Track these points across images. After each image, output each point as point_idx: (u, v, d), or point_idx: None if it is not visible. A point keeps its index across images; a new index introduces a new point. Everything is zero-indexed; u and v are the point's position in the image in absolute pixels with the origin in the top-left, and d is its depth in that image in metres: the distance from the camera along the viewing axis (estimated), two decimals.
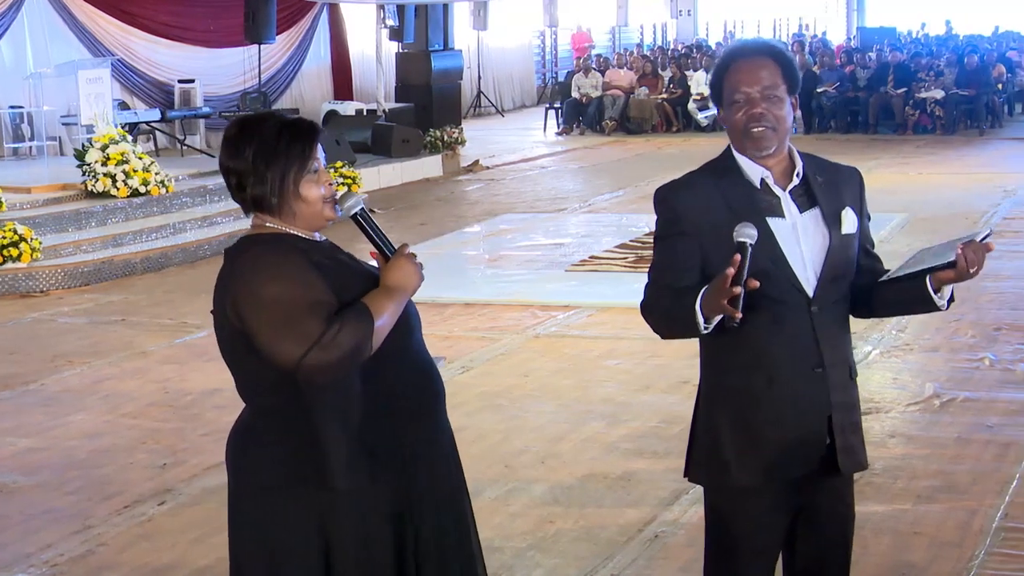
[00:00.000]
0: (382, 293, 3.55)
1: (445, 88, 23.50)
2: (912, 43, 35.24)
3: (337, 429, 3.51)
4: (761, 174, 3.76)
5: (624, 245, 13.52)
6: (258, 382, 3.57)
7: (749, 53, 3.79)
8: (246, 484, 3.63)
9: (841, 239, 3.78)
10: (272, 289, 3.43)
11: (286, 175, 3.54)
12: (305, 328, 3.39)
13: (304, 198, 3.57)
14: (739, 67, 3.76)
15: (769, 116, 3.72)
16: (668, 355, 9.05)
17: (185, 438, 7.85)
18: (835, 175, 3.90)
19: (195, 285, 12.36)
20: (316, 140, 3.61)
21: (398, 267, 3.60)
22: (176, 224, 14.27)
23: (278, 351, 3.42)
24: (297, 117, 3.69)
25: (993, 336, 9.55)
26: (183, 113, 19.99)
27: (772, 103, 3.73)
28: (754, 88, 3.72)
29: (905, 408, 7.95)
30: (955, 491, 6.58)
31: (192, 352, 9.87)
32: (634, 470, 7.02)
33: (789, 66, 3.79)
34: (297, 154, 3.55)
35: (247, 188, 3.57)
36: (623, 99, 26.91)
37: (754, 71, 3.74)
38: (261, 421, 3.61)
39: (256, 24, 20.05)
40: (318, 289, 3.45)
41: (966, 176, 18.39)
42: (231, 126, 3.65)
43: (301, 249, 3.54)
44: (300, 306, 3.41)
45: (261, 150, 3.54)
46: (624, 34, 39.03)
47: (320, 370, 3.40)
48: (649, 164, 21.19)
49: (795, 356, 3.74)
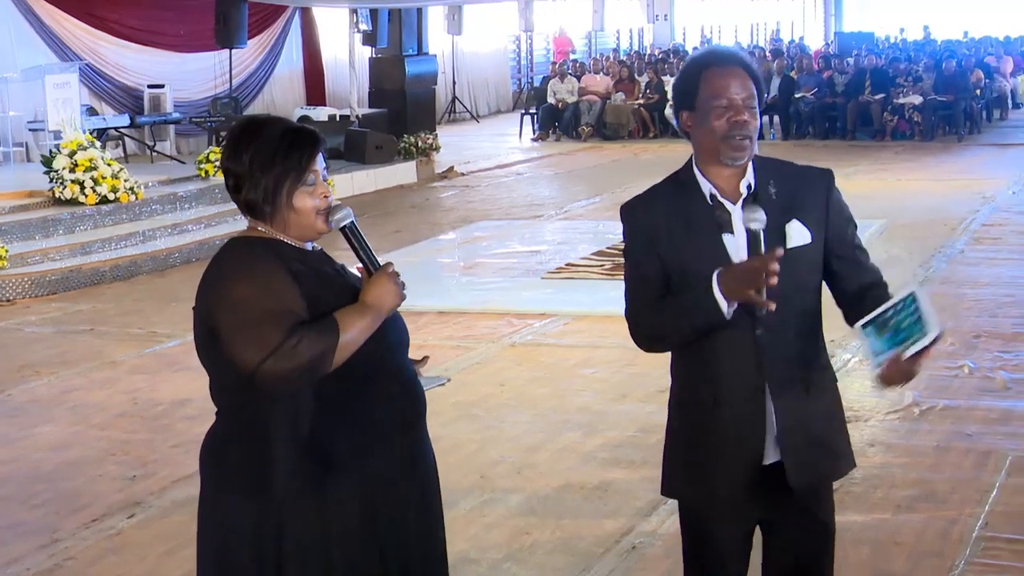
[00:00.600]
0: (355, 309, 3.55)
1: (419, 93, 23.48)
2: (890, 48, 35.39)
3: (285, 436, 3.51)
4: (709, 189, 3.75)
5: (601, 252, 13.53)
6: (223, 382, 3.59)
7: (727, 61, 3.76)
8: (213, 491, 3.65)
9: (786, 256, 3.61)
10: (241, 291, 3.46)
11: (280, 184, 3.56)
12: (265, 335, 3.40)
13: (296, 209, 3.58)
14: (721, 72, 3.73)
15: (751, 125, 3.71)
16: (645, 364, 9.04)
17: (155, 449, 7.82)
18: (796, 182, 3.83)
19: (165, 294, 12.32)
20: (316, 151, 3.62)
21: (377, 284, 3.60)
22: (146, 232, 14.22)
23: (236, 354, 3.44)
24: (300, 125, 3.68)
25: (972, 344, 9.58)
26: (153, 119, 19.94)
27: (751, 112, 3.72)
28: (740, 94, 3.71)
29: (884, 416, 7.97)
30: (935, 500, 6.60)
31: (162, 362, 9.84)
32: (611, 480, 7.02)
33: (759, 81, 3.79)
34: (294, 164, 3.56)
35: (242, 191, 3.59)
36: (599, 104, 26.95)
37: (739, 79, 3.72)
38: (226, 423, 3.64)
39: (227, 28, 20.03)
40: (287, 298, 3.46)
41: (945, 182, 18.45)
42: (235, 127, 3.68)
43: (282, 256, 3.54)
44: (263, 311, 3.43)
45: (259, 156, 3.56)
46: (600, 39, 39.10)
47: (275, 379, 3.41)
48: (626, 170, 21.21)
49: (737, 376, 3.75)
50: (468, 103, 31.55)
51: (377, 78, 23.43)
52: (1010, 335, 9.84)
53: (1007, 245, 13.47)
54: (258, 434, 3.53)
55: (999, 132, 25.70)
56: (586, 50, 37.67)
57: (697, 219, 3.72)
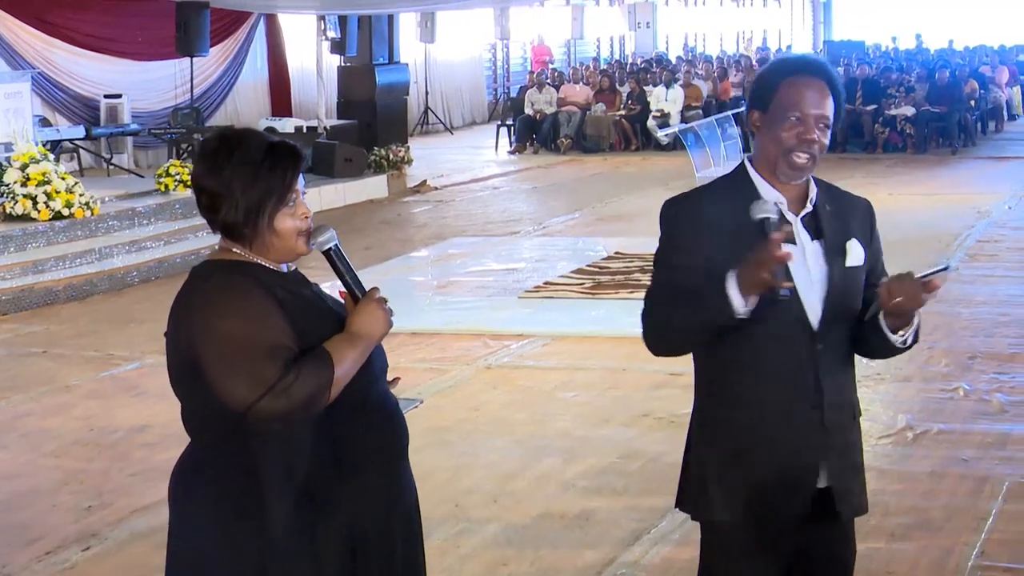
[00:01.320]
0: (346, 340, 3.52)
1: (390, 104, 23.49)
2: (881, 57, 35.54)
3: (280, 476, 3.48)
4: (776, 198, 3.76)
5: (580, 270, 13.54)
6: (204, 416, 3.53)
7: (813, 71, 3.77)
8: (186, 524, 3.61)
9: (844, 272, 3.77)
10: (230, 324, 3.41)
11: (263, 205, 3.51)
12: (260, 371, 3.37)
13: (278, 231, 3.54)
14: (804, 83, 3.74)
15: (817, 145, 3.74)
16: (627, 387, 9.06)
17: (111, 479, 7.79)
18: (845, 204, 3.90)
19: (123, 314, 12.29)
20: (299, 168, 3.58)
21: (366, 312, 3.57)
22: (102, 249, 14.18)
23: (228, 391, 3.39)
24: (280, 139, 3.63)
25: (967, 365, 9.62)
26: (109, 130, 19.89)
27: (822, 132, 3.74)
28: (814, 111, 3.72)
29: (877, 441, 7.99)
30: (929, 528, 6.61)
31: (119, 386, 9.80)
32: (592, 509, 7.01)
33: (840, 95, 3.80)
34: (277, 183, 3.52)
35: (220, 211, 3.53)
36: (579, 116, 26.98)
37: (819, 93, 3.74)
38: (205, 456, 3.58)
39: (188, 36, 20.02)
40: (279, 330, 3.43)
41: (938, 197, 18.53)
42: (211, 139, 3.60)
43: (267, 284, 3.51)
44: (257, 347, 3.39)
45: (240, 173, 3.50)
46: (580, 47, 39.19)
47: (271, 417, 3.39)
48: (607, 184, 21.25)
49: (793, 394, 3.75)
50: (442, 114, 31.58)
51: (346, 88, 23.44)
52: (1007, 356, 9.88)
53: (1003, 262, 13.53)
54: (245, 471, 3.49)
55: (994, 144, 25.83)
56: (565, 59, 37.73)
57: (754, 227, 3.67)
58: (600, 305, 11.88)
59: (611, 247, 14.88)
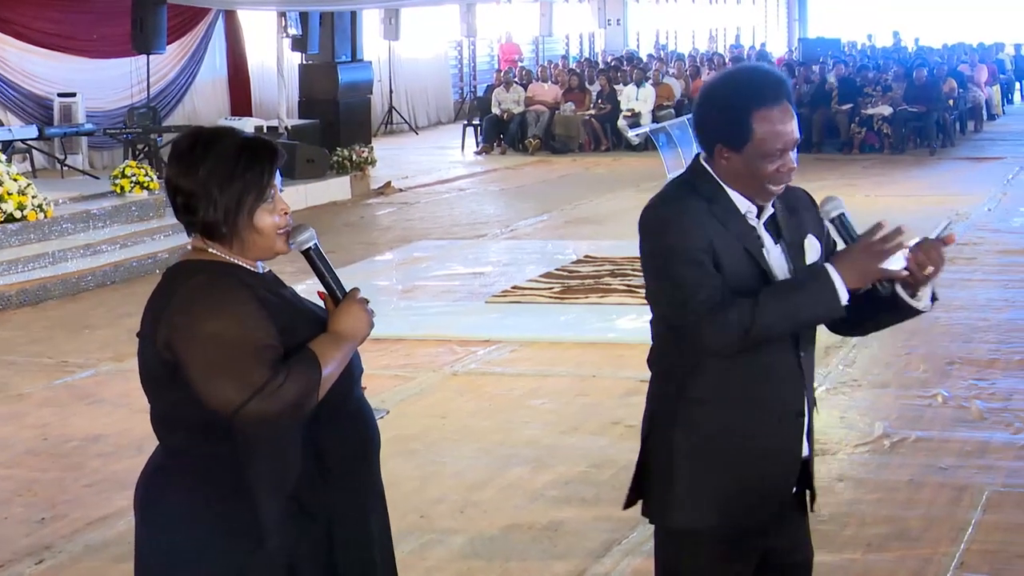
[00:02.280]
0: (330, 341, 3.54)
1: (353, 103, 23.47)
2: (858, 55, 35.67)
3: (271, 482, 3.49)
4: (747, 207, 3.79)
5: (549, 274, 13.55)
6: (178, 418, 3.53)
7: (779, 97, 3.76)
8: (157, 533, 3.59)
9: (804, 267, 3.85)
10: (215, 325, 3.41)
11: (242, 202, 3.51)
12: (248, 374, 3.37)
13: (258, 229, 3.55)
14: (776, 115, 3.73)
15: (794, 168, 3.79)
16: (597, 394, 9.07)
17: (66, 489, 7.76)
18: (791, 199, 3.94)
19: (78, 320, 12.24)
20: (276, 164, 3.58)
21: (349, 313, 3.60)
22: (56, 253, 14.13)
23: (215, 394, 3.39)
24: (256, 136, 3.65)
25: (946, 371, 9.65)
26: (63, 130, 19.80)
27: (794, 153, 3.79)
28: (791, 141, 3.75)
29: (853, 449, 8.02)
30: (907, 538, 6.64)
31: (74, 394, 9.77)
32: (561, 519, 7.02)
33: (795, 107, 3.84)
34: (255, 179, 3.52)
35: (197, 212, 3.53)
36: (548, 115, 27.01)
37: (788, 120, 3.75)
38: (177, 462, 3.56)
39: (144, 33, 19.96)
40: (265, 331, 3.44)
41: (916, 198, 18.60)
42: (184, 138, 3.59)
43: (248, 284, 3.52)
44: (245, 349, 3.39)
45: (216, 172, 3.50)
46: (549, 45, 39.20)
47: (260, 420, 3.39)
48: (576, 186, 21.27)
49: (779, 402, 3.81)
50: (406, 113, 31.56)
51: (308, 87, 23.41)
52: (986, 362, 9.92)
53: (982, 266, 13.59)
54: (222, 476, 3.48)
55: (974, 145, 25.95)
56: (533, 57, 37.76)
57: (738, 230, 3.75)
58: (569, 310, 11.89)
59: (581, 250, 14.89)
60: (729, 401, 3.79)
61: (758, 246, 3.78)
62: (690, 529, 3.85)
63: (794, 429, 3.84)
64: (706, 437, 3.82)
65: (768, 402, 3.79)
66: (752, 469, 3.79)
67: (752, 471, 3.80)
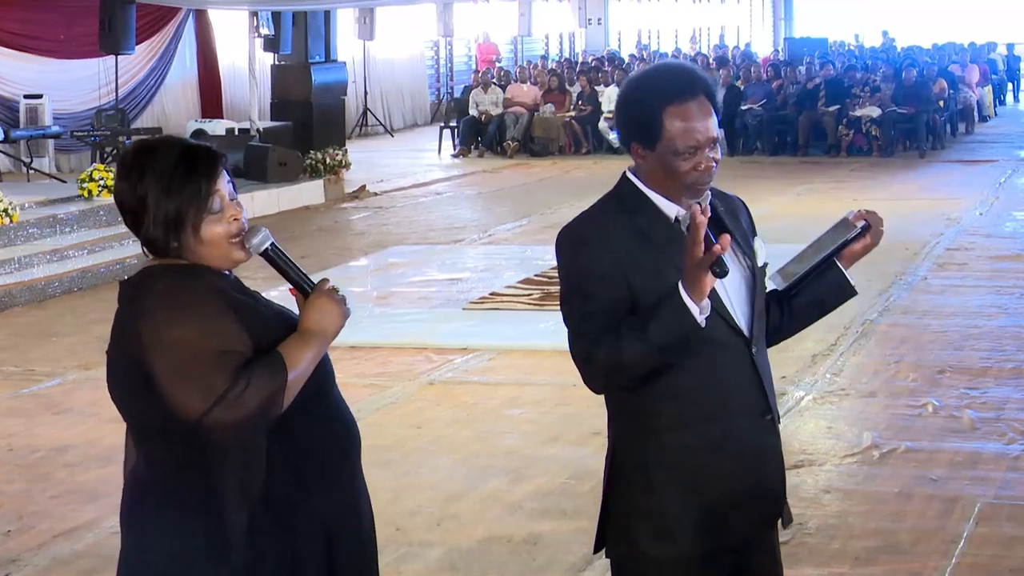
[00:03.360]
0: (299, 340, 3.52)
1: (327, 104, 23.45)
2: (845, 55, 35.74)
3: (237, 491, 3.47)
4: (676, 212, 3.76)
5: (528, 280, 13.56)
6: (151, 427, 3.51)
7: (690, 92, 3.72)
8: (136, 547, 3.59)
9: (759, 271, 3.86)
10: (179, 330, 3.39)
11: (182, 216, 3.49)
12: (209, 381, 3.35)
13: (205, 240, 3.52)
14: (686, 111, 3.70)
15: (714, 166, 3.74)
16: (578, 403, 9.07)
17: (33, 501, 7.74)
18: (730, 202, 3.95)
19: (44, 328, 12.22)
20: (216, 171, 3.54)
21: (317, 307, 3.57)
22: (21, 259, 14.08)
23: (180, 402, 3.38)
24: (195, 143, 3.61)
25: (936, 379, 9.67)
26: (29, 133, 19.78)
27: (715, 150, 3.75)
28: (705, 137, 3.70)
29: (841, 460, 8.03)
30: (896, 552, 6.65)
31: (40, 404, 9.75)
32: (540, 532, 7.02)
33: (717, 101, 3.80)
34: (193, 193, 3.49)
35: (141, 228, 3.53)
36: (527, 117, 27.02)
37: (703, 116, 3.72)
38: (154, 473, 3.56)
39: (112, 33, 19.91)
40: (230, 335, 3.42)
41: (905, 202, 18.63)
42: (126, 154, 3.58)
43: (216, 286, 3.50)
44: (207, 354, 3.37)
45: (154, 186, 3.48)
46: (528, 45, 39.25)
47: (223, 428, 3.37)
48: (556, 189, 21.28)
49: (744, 404, 3.78)
50: (381, 115, 31.56)
51: (280, 88, 23.38)
52: (978, 370, 9.94)
53: (974, 271, 13.63)
54: (200, 486, 3.47)
55: (965, 148, 25.98)
56: (512, 57, 37.82)
57: (663, 240, 3.73)
58: (549, 317, 11.88)
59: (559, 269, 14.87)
60: (687, 413, 3.75)
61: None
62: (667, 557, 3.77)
63: (767, 432, 3.82)
64: (680, 458, 3.76)
65: (730, 407, 3.76)
66: (739, 483, 3.76)
67: (740, 485, 3.76)
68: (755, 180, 21.25)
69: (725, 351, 3.73)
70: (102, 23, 19.93)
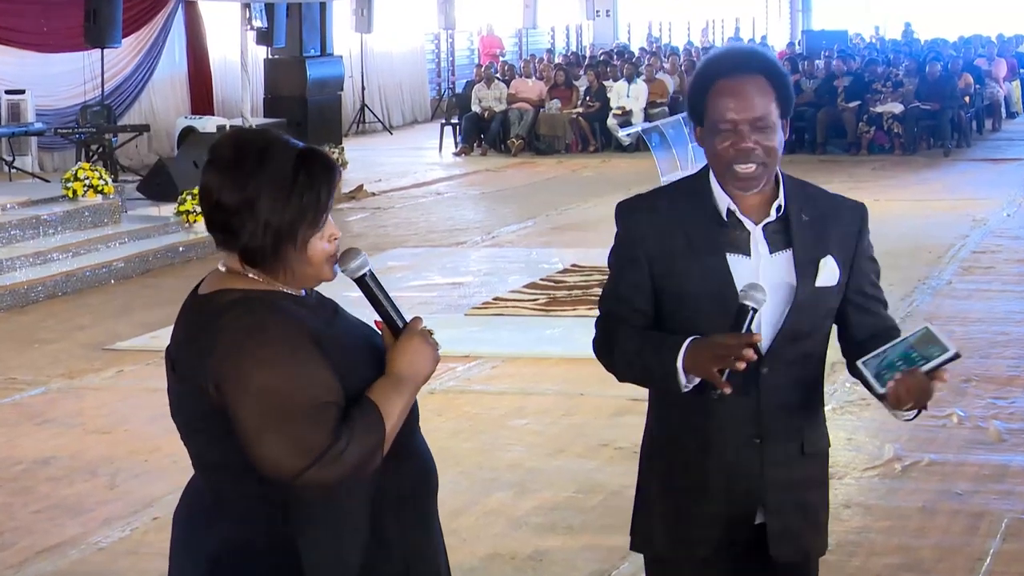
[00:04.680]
0: (392, 387, 3.36)
1: (323, 100, 23.50)
2: (866, 49, 35.73)
3: (330, 547, 3.35)
4: (728, 204, 3.74)
5: (534, 285, 13.56)
6: (223, 464, 3.35)
7: (740, 69, 3.71)
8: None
9: (813, 292, 3.77)
10: (267, 378, 3.22)
11: (295, 228, 3.31)
12: (307, 437, 3.21)
13: (309, 259, 3.37)
14: (728, 87, 3.69)
15: (759, 151, 3.69)
16: (585, 413, 9.07)
17: (14, 515, 7.74)
18: (829, 211, 3.87)
19: (26, 334, 12.21)
20: (335, 183, 3.39)
21: (411, 350, 3.42)
22: (3, 261, 14.09)
23: (268, 456, 3.23)
24: (310, 148, 3.39)
25: (961, 389, 9.65)
26: (11, 130, 19.80)
27: (763, 134, 3.69)
28: (744, 116, 3.66)
29: (862, 473, 8.02)
30: (920, 570, 6.64)
31: (22, 414, 9.75)
32: (546, 548, 7.02)
33: (783, 85, 3.75)
34: (312, 203, 3.32)
35: (240, 234, 3.31)
36: (531, 114, 27.02)
37: (746, 95, 3.68)
38: (225, 508, 3.40)
39: (98, 25, 19.92)
40: (323, 381, 3.26)
41: (929, 203, 18.63)
42: (227, 145, 3.36)
43: (299, 319, 3.33)
44: (301, 407, 3.22)
45: (272, 190, 3.28)
46: (532, 38, 39.25)
47: (320, 486, 3.26)
48: (562, 189, 21.28)
49: (733, 421, 3.76)
50: (380, 112, 31.56)
51: (274, 83, 23.44)
52: (1005, 379, 9.93)
53: (1001, 275, 13.61)
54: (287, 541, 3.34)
55: (991, 145, 25.97)
56: (516, 51, 37.80)
57: (704, 235, 3.72)
58: (555, 323, 11.88)
59: (567, 259, 14.90)
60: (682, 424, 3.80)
61: (723, 251, 3.72)
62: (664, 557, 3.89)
63: (749, 455, 3.78)
64: (666, 461, 3.87)
65: (719, 423, 3.76)
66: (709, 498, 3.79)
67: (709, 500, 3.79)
68: None
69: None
70: (87, 14, 19.93)
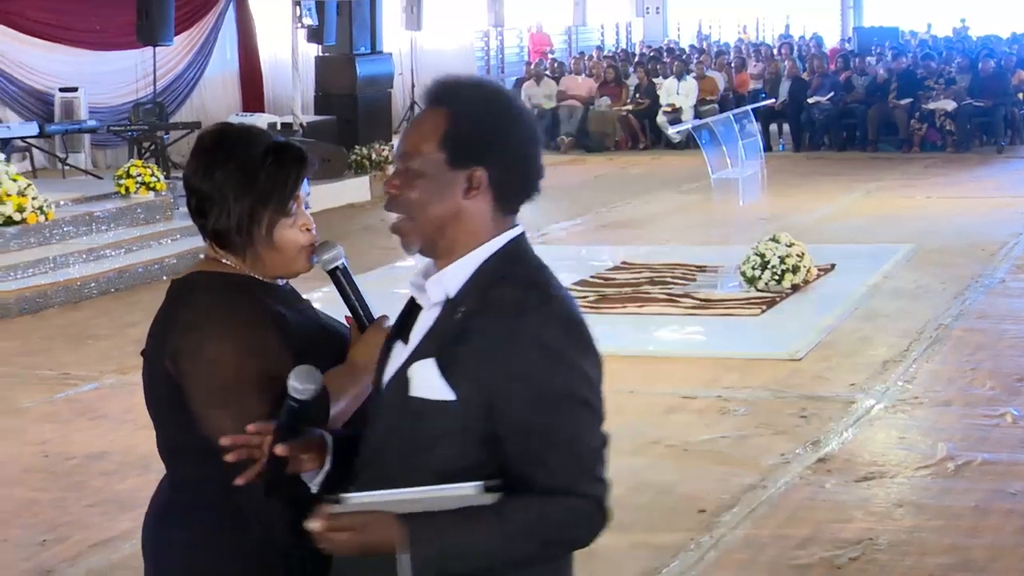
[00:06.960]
0: (345, 372, 3.47)
1: (373, 98, 23.49)
2: (918, 46, 35.56)
3: (266, 519, 3.40)
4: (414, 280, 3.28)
5: (584, 282, 13.54)
6: (189, 445, 3.44)
7: (428, 101, 3.09)
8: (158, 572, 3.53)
9: (404, 401, 3.02)
10: (220, 349, 3.34)
11: (258, 213, 3.45)
12: (248, 407, 3.28)
13: (276, 244, 3.49)
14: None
15: (402, 200, 3.15)
16: (635, 411, 9.05)
17: (67, 510, 7.79)
18: (489, 318, 3.06)
19: (79, 330, 12.28)
20: (303, 174, 3.52)
21: (372, 344, 3.47)
22: (57, 258, 14.17)
23: (212, 425, 3.32)
24: (285, 140, 3.57)
25: (1015, 388, 9.61)
26: (65, 127, 19.89)
27: (405, 178, 3.11)
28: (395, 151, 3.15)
29: (914, 472, 7.99)
30: (972, 569, 6.62)
31: (75, 409, 9.80)
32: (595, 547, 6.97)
33: (464, 120, 3.02)
34: (276, 190, 3.46)
35: (208, 216, 3.47)
36: (581, 111, 27.02)
37: (408, 128, 3.15)
38: (181, 495, 3.50)
39: (150, 23, 20.00)
40: (274, 357, 3.34)
41: (982, 201, 18.54)
42: (206, 136, 3.55)
43: (263, 302, 3.44)
44: (248, 378, 3.32)
45: (235, 176, 3.44)
46: (582, 35, 39.23)
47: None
48: (612, 186, 21.26)
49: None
50: None
51: (324, 80, 23.43)
52: None
53: None
54: (227, 511, 3.41)
55: None
56: (566, 48, 37.78)
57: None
58: (606, 321, 11.85)
59: (617, 256, 14.89)
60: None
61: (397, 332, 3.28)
62: None
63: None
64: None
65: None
66: None
67: None
68: (822, 177, 21.19)
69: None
70: (139, 13, 20.01)
